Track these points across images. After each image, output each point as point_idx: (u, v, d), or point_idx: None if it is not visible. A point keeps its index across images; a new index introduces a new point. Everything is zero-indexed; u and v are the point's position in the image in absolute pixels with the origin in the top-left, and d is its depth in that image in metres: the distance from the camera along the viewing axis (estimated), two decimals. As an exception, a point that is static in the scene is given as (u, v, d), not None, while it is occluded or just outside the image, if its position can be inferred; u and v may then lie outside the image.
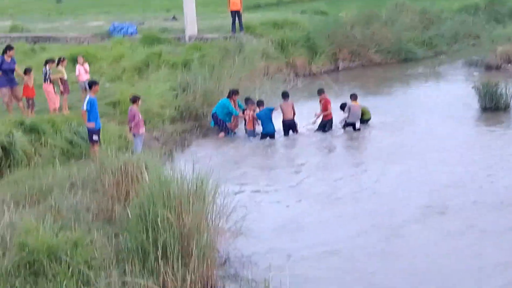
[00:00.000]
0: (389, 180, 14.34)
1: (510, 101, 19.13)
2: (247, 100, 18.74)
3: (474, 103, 19.48)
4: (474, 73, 24.43)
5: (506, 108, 18.99)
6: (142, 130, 15.80)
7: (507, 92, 19.13)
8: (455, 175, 14.27)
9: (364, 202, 13.21)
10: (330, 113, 18.33)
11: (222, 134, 18.39)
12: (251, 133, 18.26)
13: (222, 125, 18.48)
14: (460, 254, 10.83)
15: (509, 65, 25.05)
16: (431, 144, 16.58)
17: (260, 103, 18.63)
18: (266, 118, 18.08)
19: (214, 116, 18.54)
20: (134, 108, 15.60)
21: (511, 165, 14.77)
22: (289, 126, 18.22)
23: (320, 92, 18.77)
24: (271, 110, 18.15)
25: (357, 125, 18.13)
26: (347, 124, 18.19)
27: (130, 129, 15.65)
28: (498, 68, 24.92)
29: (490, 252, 10.80)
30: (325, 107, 18.33)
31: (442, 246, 11.12)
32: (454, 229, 11.67)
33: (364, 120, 18.37)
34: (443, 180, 13.99)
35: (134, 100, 15.75)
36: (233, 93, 18.78)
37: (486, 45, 26.85)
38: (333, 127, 18.31)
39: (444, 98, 21.16)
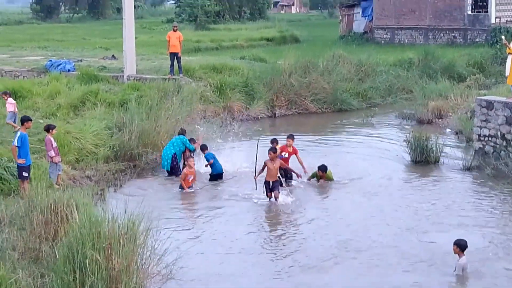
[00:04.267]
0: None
1: (440, 155, 19.60)
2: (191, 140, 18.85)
3: (405, 156, 19.90)
4: (406, 126, 24.99)
5: (436, 161, 19.44)
6: (58, 158, 15.94)
7: (437, 147, 19.62)
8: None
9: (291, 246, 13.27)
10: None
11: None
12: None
13: (178, 170, 18.40)
14: None
15: (440, 120, 25.74)
16: (357, 194, 16.81)
17: (204, 147, 18.66)
18: (214, 158, 18.24)
19: (173, 157, 18.45)
20: (49, 136, 15.80)
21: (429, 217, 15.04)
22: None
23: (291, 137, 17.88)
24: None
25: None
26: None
27: (52, 158, 15.68)
28: (429, 122, 25.56)
29: None
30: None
31: None
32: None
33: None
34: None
35: (48, 129, 15.97)
36: (183, 132, 18.98)
37: (419, 100, 27.56)
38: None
39: (376, 149, 21.56)
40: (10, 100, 19.65)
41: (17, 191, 14.66)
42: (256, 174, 16.40)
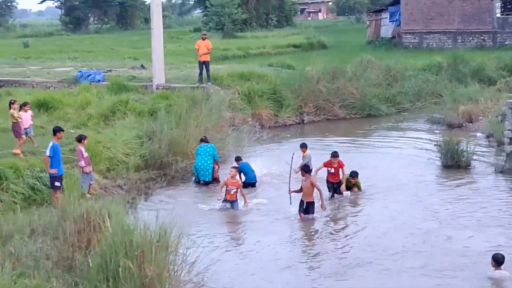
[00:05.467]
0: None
1: (471, 159, 19.44)
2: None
3: (436, 161, 19.77)
4: (436, 131, 24.83)
5: (467, 166, 19.28)
6: (89, 168, 16.00)
7: (468, 150, 19.46)
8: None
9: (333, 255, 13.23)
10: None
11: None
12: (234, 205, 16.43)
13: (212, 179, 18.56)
14: None
15: (471, 124, 25.53)
16: (387, 200, 16.74)
17: (238, 158, 18.74)
18: (248, 167, 18.23)
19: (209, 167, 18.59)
20: (80, 147, 15.86)
21: (462, 221, 14.92)
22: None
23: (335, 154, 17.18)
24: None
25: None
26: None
27: (82, 168, 15.78)
28: (460, 126, 25.37)
29: None
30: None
31: None
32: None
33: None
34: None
35: (80, 139, 16.04)
36: (207, 140, 19.16)
37: (448, 104, 27.36)
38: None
39: (407, 155, 21.44)
40: (30, 112, 18.92)
41: (50, 201, 14.82)
42: (290, 189, 15.73)
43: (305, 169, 15.75)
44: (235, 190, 16.22)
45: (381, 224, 14.96)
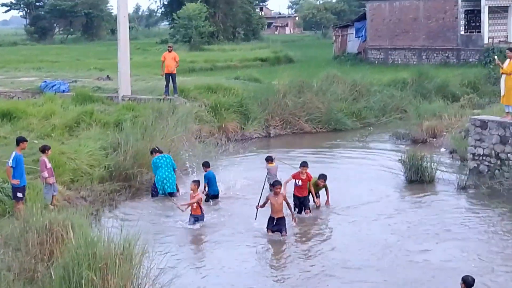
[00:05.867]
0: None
1: (435, 174, 19.65)
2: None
3: (400, 175, 19.94)
4: (401, 146, 25.04)
5: (430, 181, 19.47)
6: (53, 179, 15.89)
7: (432, 166, 19.66)
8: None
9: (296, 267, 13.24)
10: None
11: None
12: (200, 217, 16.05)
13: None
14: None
15: (434, 139, 25.81)
16: (351, 215, 16.75)
17: (206, 164, 18.53)
18: (213, 178, 18.13)
19: (174, 178, 18.50)
20: (44, 157, 15.76)
21: (422, 235, 15.06)
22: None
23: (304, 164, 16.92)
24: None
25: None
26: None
27: (46, 179, 15.64)
28: (424, 142, 25.61)
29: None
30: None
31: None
32: None
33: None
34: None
35: (43, 150, 15.95)
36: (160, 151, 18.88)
37: (413, 119, 27.64)
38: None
39: (371, 169, 21.59)
40: None
41: (12, 212, 14.60)
42: (258, 204, 15.52)
43: (276, 184, 15.29)
44: (197, 204, 15.98)
45: (344, 238, 14.98)
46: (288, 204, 15.43)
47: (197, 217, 15.80)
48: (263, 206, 15.34)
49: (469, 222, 16.01)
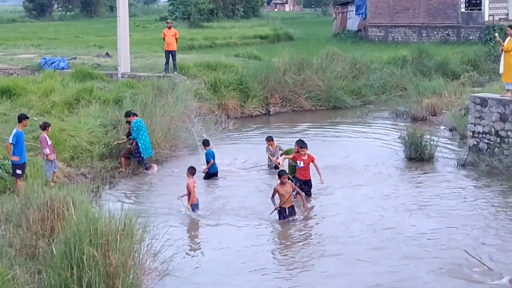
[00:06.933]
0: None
1: (434, 152, 19.68)
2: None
3: (400, 153, 19.97)
4: (401, 124, 25.06)
5: (430, 158, 19.51)
6: (54, 156, 15.92)
7: (432, 143, 19.69)
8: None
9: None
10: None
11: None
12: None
13: None
14: None
15: (434, 117, 25.82)
16: (352, 191, 16.89)
17: (206, 143, 18.57)
18: (213, 157, 18.15)
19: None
20: (44, 134, 15.79)
21: (421, 212, 15.14)
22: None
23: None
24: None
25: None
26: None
27: (47, 156, 15.66)
28: (423, 119, 25.64)
29: None
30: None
31: None
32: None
33: None
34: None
35: (44, 127, 15.97)
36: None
37: (413, 97, 27.62)
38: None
39: (371, 147, 21.62)
40: None
41: (13, 188, 14.64)
42: (276, 204, 14.69)
43: (283, 173, 14.90)
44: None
45: (340, 216, 15.02)
46: (299, 192, 15.03)
47: (196, 204, 15.72)
48: (272, 198, 14.81)
49: (468, 199, 16.09)
